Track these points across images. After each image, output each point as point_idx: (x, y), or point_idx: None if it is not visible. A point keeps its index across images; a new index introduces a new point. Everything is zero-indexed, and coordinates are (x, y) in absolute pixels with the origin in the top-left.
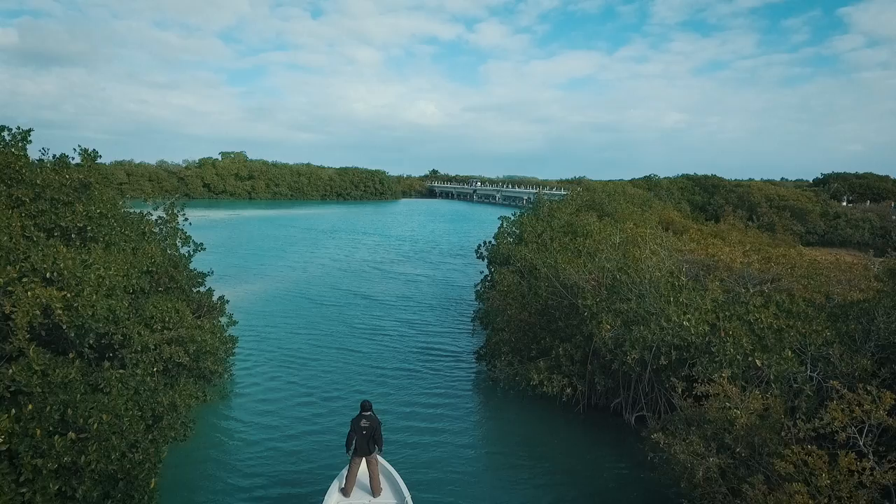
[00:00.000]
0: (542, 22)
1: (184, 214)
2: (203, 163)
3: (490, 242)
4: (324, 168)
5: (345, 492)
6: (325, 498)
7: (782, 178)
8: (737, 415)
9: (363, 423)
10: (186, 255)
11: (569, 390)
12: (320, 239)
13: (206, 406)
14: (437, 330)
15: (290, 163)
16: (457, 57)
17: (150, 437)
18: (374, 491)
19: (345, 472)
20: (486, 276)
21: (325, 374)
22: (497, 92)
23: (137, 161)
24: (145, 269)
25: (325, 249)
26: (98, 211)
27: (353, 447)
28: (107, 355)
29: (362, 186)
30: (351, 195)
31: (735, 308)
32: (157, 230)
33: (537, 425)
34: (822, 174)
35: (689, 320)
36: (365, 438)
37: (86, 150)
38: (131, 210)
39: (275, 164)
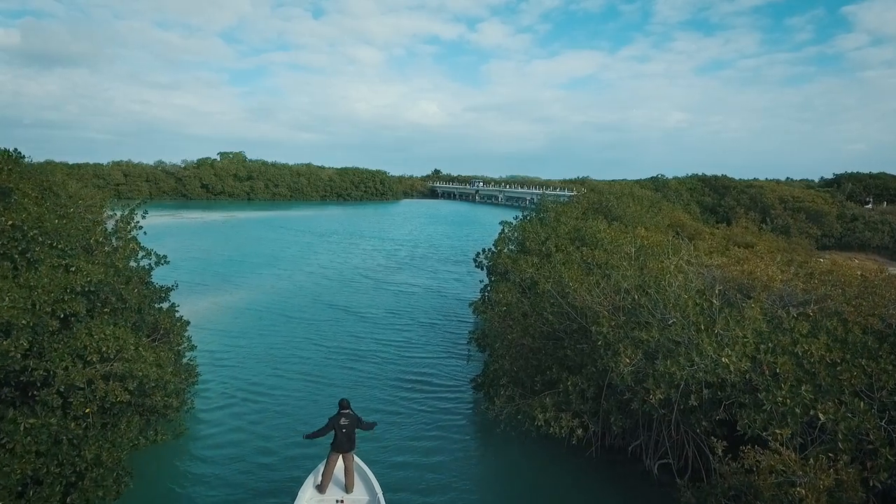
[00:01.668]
0: (543, 21)
1: (138, 223)
2: (201, 163)
3: (490, 249)
4: (324, 168)
5: (320, 488)
6: (300, 493)
7: (787, 178)
8: (801, 494)
9: (343, 420)
10: (147, 267)
11: (580, 431)
12: (314, 243)
13: (158, 447)
14: (428, 353)
15: (291, 163)
16: (458, 57)
17: (67, 500)
18: (348, 487)
19: (321, 467)
20: (484, 286)
21: (297, 404)
22: (499, 92)
23: (140, 162)
24: (80, 289)
25: (317, 255)
26: (10, 222)
27: (322, 434)
28: (30, 393)
29: (363, 187)
30: (351, 196)
31: (778, 337)
32: (111, 241)
33: (543, 471)
34: (834, 174)
35: (728, 357)
36: (346, 436)
37: (6, 151)
38: (96, 217)
39: (274, 165)
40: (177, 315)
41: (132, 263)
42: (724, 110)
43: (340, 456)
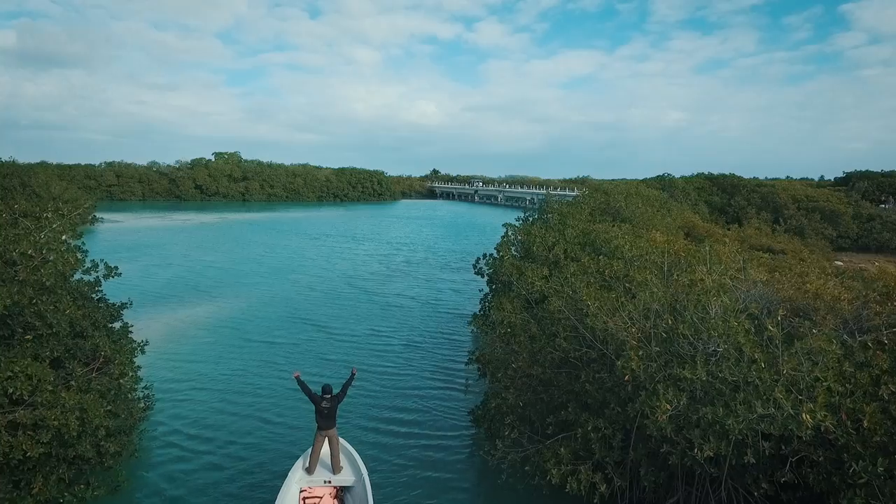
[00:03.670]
0: (541, 21)
1: (73, 231)
2: (195, 164)
3: (491, 255)
4: (320, 168)
5: (308, 470)
6: (289, 475)
7: (787, 177)
8: None
9: (324, 403)
10: (93, 281)
11: (603, 487)
12: (304, 247)
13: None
14: (417, 383)
15: (289, 163)
16: (456, 56)
17: None
18: (335, 469)
19: (309, 451)
20: (485, 296)
21: (261, 447)
22: (497, 91)
23: (138, 163)
24: None
25: (306, 261)
26: None
27: (304, 391)
28: None
29: (360, 187)
30: (348, 196)
31: (859, 379)
32: (43, 252)
33: None
34: (844, 172)
35: (810, 410)
36: (327, 416)
37: None
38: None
39: (269, 165)
40: (130, 336)
41: (81, 276)
42: (722, 109)
43: (326, 439)
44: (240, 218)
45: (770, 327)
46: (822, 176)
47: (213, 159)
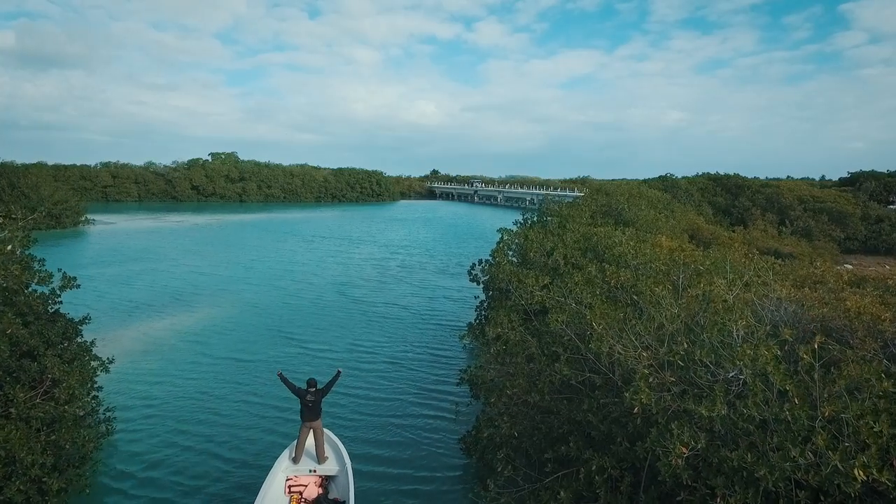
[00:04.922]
0: (540, 20)
1: (26, 239)
2: (192, 164)
3: (487, 261)
4: (318, 169)
5: (294, 459)
6: (275, 464)
7: (788, 177)
8: None
9: (309, 397)
10: (51, 294)
11: None
12: (298, 250)
13: None
14: (402, 407)
15: (288, 164)
16: (456, 56)
17: None
18: (320, 459)
19: (295, 442)
20: (480, 304)
21: (231, 469)
22: (497, 91)
23: (134, 164)
24: None
25: (296, 266)
26: None
27: (288, 386)
28: None
29: (358, 188)
30: (346, 197)
31: None
32: None
33: None
34: (849, 172)
35: (863, 465)
36: (311, 408)
37: None
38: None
39: (267, 165)
40: (94, 353)
41: (39, 288)
42: (722, 109)
43: (311, 430)
44: (235, 219)
45: (804, 356)
46: (823, 176)
47: (210, 160)
